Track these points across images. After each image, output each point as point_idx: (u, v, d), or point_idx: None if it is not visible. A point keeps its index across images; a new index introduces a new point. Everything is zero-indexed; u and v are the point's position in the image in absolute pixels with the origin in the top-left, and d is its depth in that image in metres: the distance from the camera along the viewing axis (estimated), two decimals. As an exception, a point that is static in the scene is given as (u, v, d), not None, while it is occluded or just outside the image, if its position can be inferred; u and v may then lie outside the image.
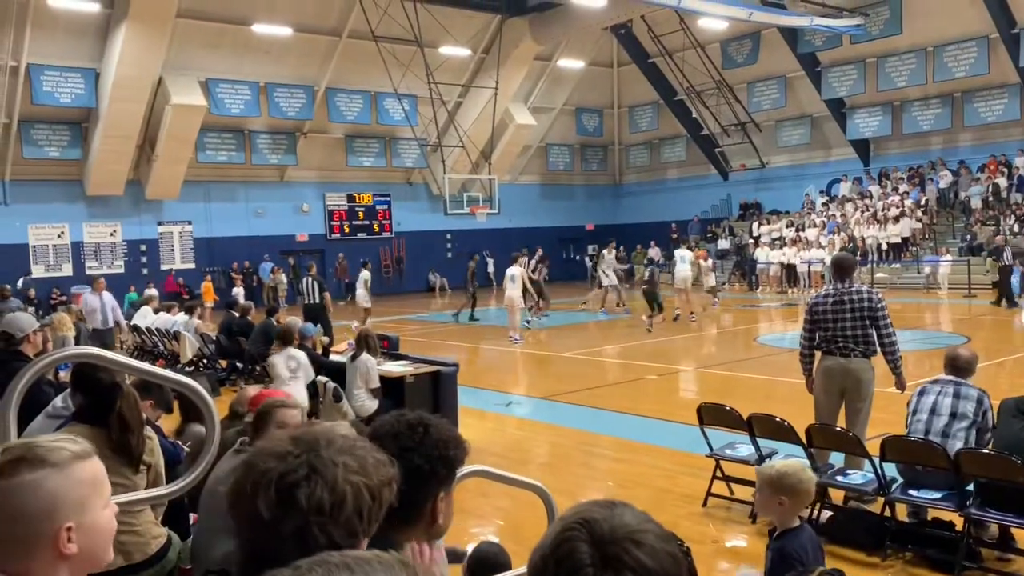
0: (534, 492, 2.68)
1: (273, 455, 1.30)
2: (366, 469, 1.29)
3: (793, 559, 3.24)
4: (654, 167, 35.87)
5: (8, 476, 1.32)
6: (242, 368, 12.61)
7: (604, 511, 1.08)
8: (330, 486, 1.25)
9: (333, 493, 1.25)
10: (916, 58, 26.47)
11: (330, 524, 1.24)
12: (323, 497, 1.24)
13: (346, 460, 1.28)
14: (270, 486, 1.25)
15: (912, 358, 12.68)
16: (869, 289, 6.41)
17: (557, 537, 1.06)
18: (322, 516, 1.24)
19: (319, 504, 1.24)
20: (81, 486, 1.37)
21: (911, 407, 5.53)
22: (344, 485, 1.26)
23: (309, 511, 1.23)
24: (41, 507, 1.33)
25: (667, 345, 15.57)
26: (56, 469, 1.35)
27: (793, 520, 3.41)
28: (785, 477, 3.37)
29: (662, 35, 29.22)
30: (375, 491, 1.29)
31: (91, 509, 1.39)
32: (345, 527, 1.25)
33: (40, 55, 22.50)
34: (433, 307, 25.77)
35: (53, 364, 1.75)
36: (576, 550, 1.03)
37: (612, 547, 1.03)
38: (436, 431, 1.76)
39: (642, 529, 1.06)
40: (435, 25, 25.27)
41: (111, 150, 24.00)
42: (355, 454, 1.31)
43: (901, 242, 25.06)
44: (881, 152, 29.37)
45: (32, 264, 24.65)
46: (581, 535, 1.05)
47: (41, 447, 1.37)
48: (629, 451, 8.06)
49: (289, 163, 28.49)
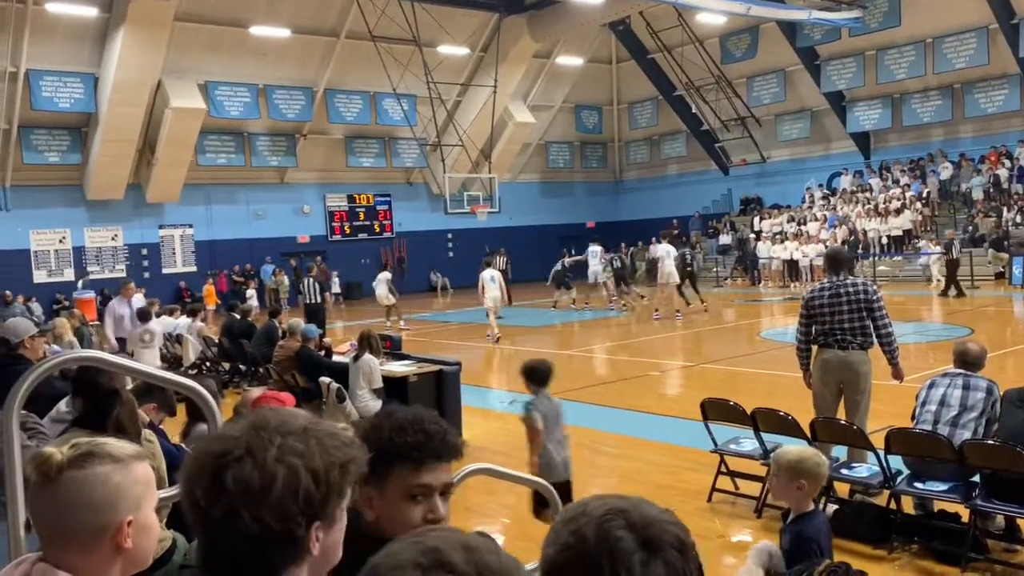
0: (538, 490, 2.68)
1: (219, 439, 1.25)
2: (309, 450, 1.20)
3: (812, 541, 3.32)
4: (654, 163, 35.84)
5: (79, 468, 1.41)
6: (245, 370, 12.60)
7: (624, 502, 1.13)
8: (259, 466, 1.17)
9: (263, 474, 1.17)
10: (915, 50, 26.43)
11: (259, 507, 1.16)
12: (251, 478, 1.17)
13: (287, 441, 1.20)
14: (204, 469, 1.20)
15: (915, 350, 12.68)
16: (865, 281, 6.43)
17: (598, 530, 1.08)
18: (249, 498, 1.16)
19: (245, 485, 1.17)
20: (138, 484, 1.47)
21: (920, 399, 5.53)
22: (275, 466, 1.17)
23: (236, 493, 1.16)
24: (108, 499, 1.42)
25: (669, 341, 15.56)
26: (121, 465, 1.45)
27: (808, 504, 3.50)
28: (803, 462, 3.46)
29: (660, 31, 29.19)
30: (317, 473, 1.19)
31: (145, 508, 1.49)
32: (277, 510, 1.16)
33: (39, 61, 22.50)
34: (435, 307, 25.77)
35: (56, 367, 1.76)
36: (622, 539, 1.06)
37: (650, 529, 1.07)
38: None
39: (664, 512, 1.13)
40: (433, 24, 25.26)
41: (111, 154, 24.02)
42: (306, 436, 1.22)
43: (902, 235, 25.01)
44: (881, 145, 29.34)
45: (34, 269, 24.68)
46: (620, 523, 1.08)
47: (107, 444, 1.47)
48: (632, 447, 8.05)
49: (289, 165, 28.49)
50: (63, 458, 1.41)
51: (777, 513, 5.71)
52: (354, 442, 1.30)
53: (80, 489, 1.41)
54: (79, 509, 1.41)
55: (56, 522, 1.42)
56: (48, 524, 1.43)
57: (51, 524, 1.43)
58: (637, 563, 1.05)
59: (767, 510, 5.84)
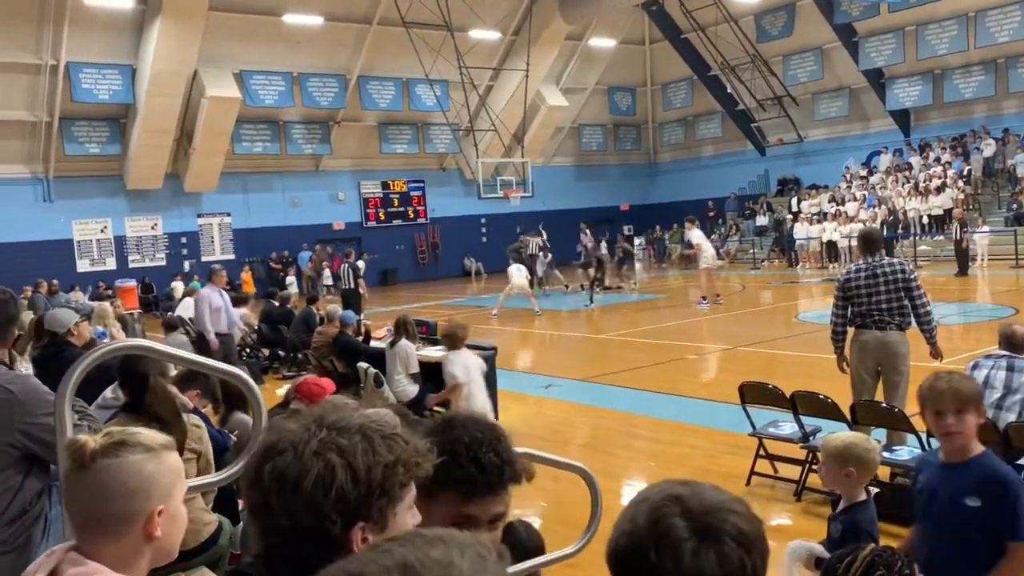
0: (577, 473, 2.69)
1: (275, 429, 1.25)
2: (352, 447, 1.17)
3: (865, 532, 3.24)
4: (689, 144, 35.49)
5: (112, 456, 1.42)
6: (284, 356, 12.77)
7: (685, 488, 1.09)
8: (297, 459, 1.15)
9: (299, 466, 1.15)
10: (957, 24, 25.78)
11: (290, 499, 1.14)
12: (287, 469, 1.15)
13: (332, 436, 1.18)
14: (251, 459, 1.22)
15: (958, 331, 12.47)
16: (901, 261, 6.36)
17: (650, 516, 1.05)
18: (281, 488, 1.15)
19: (280, 476, 1.15)
20: (170, 473, 1.48)
21: (963, 381, 5.44)
22: (312, 459, 1.15)
23: (269, 483, 1.16)
24: (140, 487, 1.43)
25: (705, 324, 15.46)
26: (153, 454, 1.46)
27: (860, 493, 3.40)
28: (851, 448, 3.36)
29: (694, 10, 28.80)
30: (356, 470, 1.16)
31: (175, 497, 1.50)
32: (307, 505, 1.14)
33: (79, 53, 22.89)
34: (469, 292, 25.83)
35: (105, 356, 1.79)
36: (673, 526, 1.04)
37: (708, 517, 1.04)
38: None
39: (729, 498, 1.09)
40: (464, 9, 25.18)
41: (149, 144, 24.39)
42: (354, 433, 1.19)
43: (943, 214, 24.52)
44: (922, 122, 28.72)
45: (77, 259, 25.19)
46: (674, 511, 1.05)
47: (139, 433, 1.49)
48: (670, 432, 8.03)
49: (323, 152, 28.70)
50: (96, 446, 1.42)
51: (817, 497, 5.69)
52: (411, 445, 1.25)
53: (114, 477, 1.41)
54: (112, 497, 1.41)
55: (89, 509, 1.43)
56: (81, 511, 1.44)
57: (84, 511, 1.44)
58: (687, 552, 1.02)
59: (807, 494, 5.81)
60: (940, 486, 2.87)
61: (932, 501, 2.88)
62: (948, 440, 2.82)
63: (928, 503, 2.91)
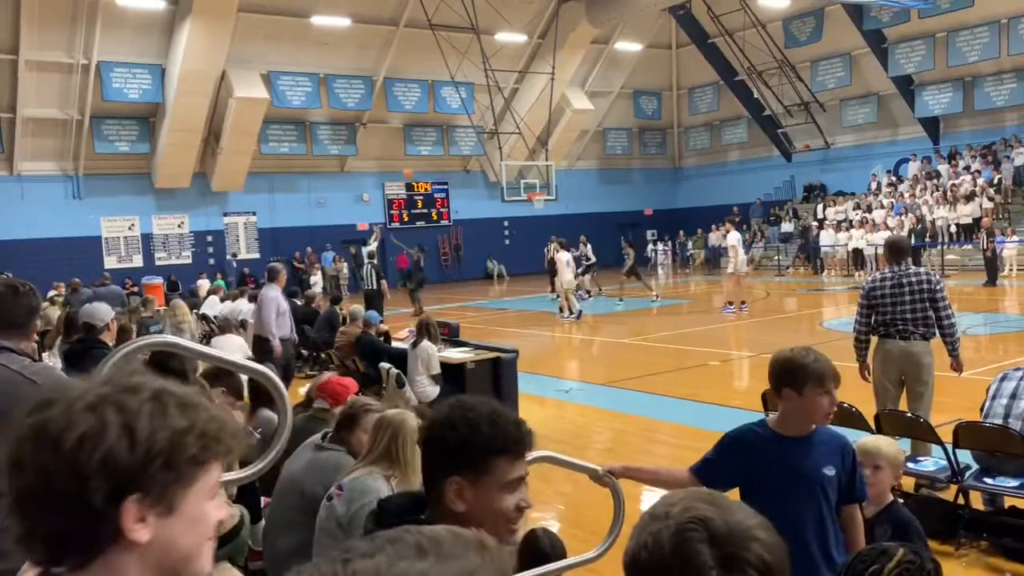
0: (595, 477, 2.68)
1: (61, 387, 1.07)
2: (139, 409, 0.99)
3: (912, 523, 3.34)
4: (715, 149, 35.31)
5: None
6: (307, 355, 12.84)
7: (713, 508, 1.07)
8: (64, 411, 0.98)
9: (65, 419, 0.98)
10: (989, 31, 25.47)
11: (47, 455, 0.96)
12: (50, 420, 0.98)
13: (116, 394, 1.00)
14: (19, 413, 1.03)
15: (986, 342, 12.30)
16: (927, 271, 6.27)
17: (674, 538, 1.03)
18: (38, 445, 0.97)
19: (40, 429, 0.98)
20: None
21: (991, 392, 5.39)
22: (83, 415, 0.98)
23: (27, 436, 0.99)
24: None
25: (729, 331, 15.37)
26: None
27: (889, 495, 3.51)
28: (885, 447, 3.56)
29: (722, 15, 28.68)
30: (135, 432, 0.98)
31: None
32: (66, 463, 0.95)
33: (110, 53, 23.21)
34: (492, 294, 25.85)
35: (135, 352, 1.81)
36: (699, 553, 1.02)
37: (732, 547, 1.02)
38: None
39: (755, 524, 1.05)
40: (491, 11, 25.25)
41: (177, 144, 24.67)
42: (144, 395, 1.01)
43: (972, 223, 24.21)
44: (951, 130, 28.39)
45: (105, 256, 25.51)
46: (700, 535, 1.03)
47: None
48: (691, 438, 7.98)
49: (349, 153, 28.87)
50: None
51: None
52: (217, 419, 1.06)
53: None
54: None
55: None
56: None
57: None
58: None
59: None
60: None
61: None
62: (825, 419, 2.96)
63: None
